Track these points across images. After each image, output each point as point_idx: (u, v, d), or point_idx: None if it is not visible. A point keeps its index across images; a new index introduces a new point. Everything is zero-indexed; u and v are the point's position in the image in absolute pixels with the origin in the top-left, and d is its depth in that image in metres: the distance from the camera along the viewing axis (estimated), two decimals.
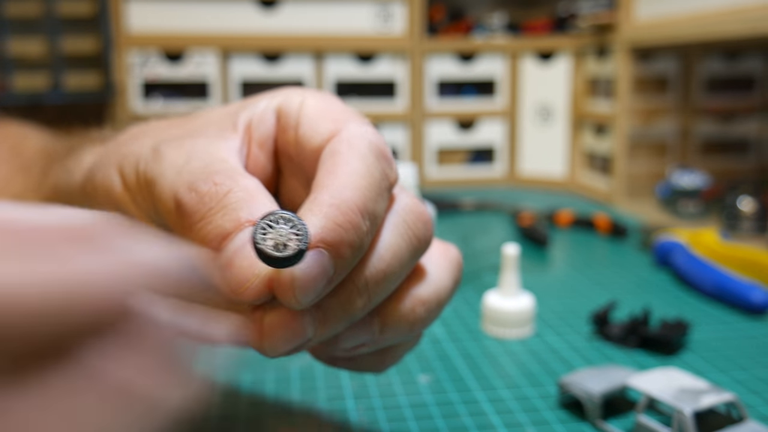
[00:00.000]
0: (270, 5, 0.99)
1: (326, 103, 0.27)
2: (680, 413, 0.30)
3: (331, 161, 0.24)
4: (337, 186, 0.22)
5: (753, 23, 0.62)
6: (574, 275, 0.59)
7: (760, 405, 0.36)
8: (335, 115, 0.26)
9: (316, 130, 0.26)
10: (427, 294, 0.26)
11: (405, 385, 0.38)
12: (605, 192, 0.91)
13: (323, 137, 0.25)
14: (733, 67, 0.92)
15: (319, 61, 1.01)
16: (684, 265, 0.55)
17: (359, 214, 0.22)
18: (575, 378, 0.35)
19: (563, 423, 0.34)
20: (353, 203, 0.22)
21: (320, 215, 0.21)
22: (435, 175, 1.06)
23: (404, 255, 0.24)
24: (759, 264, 0.53)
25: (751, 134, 0.94)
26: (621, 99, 0.87)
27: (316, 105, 0.27)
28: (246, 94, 1.00)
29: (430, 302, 0.26)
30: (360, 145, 0.24)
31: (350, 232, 0.21)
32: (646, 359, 0.41)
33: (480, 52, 1.05)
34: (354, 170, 0.23)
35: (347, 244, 0.21)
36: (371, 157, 0.24)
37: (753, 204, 0.69)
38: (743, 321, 0.48)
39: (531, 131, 1.05)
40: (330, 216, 0.21)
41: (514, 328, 0.45)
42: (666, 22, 0.78)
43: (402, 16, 1.02)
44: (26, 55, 0.94)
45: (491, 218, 0.82)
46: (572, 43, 0.99)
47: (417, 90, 1.03)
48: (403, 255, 0.24)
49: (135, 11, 0.95)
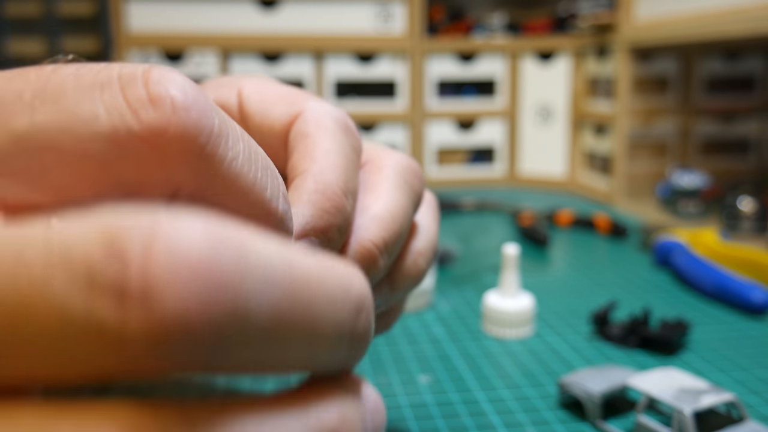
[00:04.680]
0: (270, 5, 0.99)
1: (268, 87, 0.27)
2: (680, 413, 0.30)
3: (304, 144, 0.23)
4: (317, 170, 0.22)
5: (753, 23, 0.62)
6: (574, 275, 0.59)
7: (760, 405, 0.36)
8: (288, 98, 0.26)
9: (272, 116, 0.25)
10: (424, 245, 0.27)
11: (405, 385, 0.38)
12: (605, 192, 0.91)
13: (283, 121, 0.25)
14: (733, 67, 0.92)
15: (319, 61, 1.01)
16: (684, 265, 0.55)
17: (343, 195, 0.22)
18: (575, 378, 0.35)
19: (563, 423, 0.34)
20: (336, 186, 0.22)
21: (308, 204, 0.22)
22: (435, 175, 1.06)
23: (410, 211, 0.25)
24: (759, 264, 0.53)
25: (751, 134, 0.94)
26: (621, 99, 0.87)
27: (259, 91, 0.26)
28: None
29: (427, 252, 0.27)
30: (327, 123, 0.24)
31: (337, 216, 0.22)
32: (646, 359, 0.41)
33: (480, 52, 1.05)
34: (329, 151, 0.23)
35: (335, 228, 0.22)
36: (340, 134, 0.24)
37: (753, 204, 0.69)
38: (743, 321, 0.48)
39: (531, 131, 1.05)
40: (317, 204, 0.22)
41: (514, 328, 0.45)
42: (666, 22, 0.78)
43: (402, 16, 1.02)
44: (26, 55, 0.94)
45: (491, 218, 0.82)
46: (572, 43, 0.99)
47: (417, 90, 1.03)
48: (409, 211, 0.25)
49: (135, 11, 0.95)
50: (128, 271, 0.10)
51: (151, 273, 0.10)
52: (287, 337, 0.12)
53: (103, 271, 0.10)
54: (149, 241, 0.10)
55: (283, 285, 0.12)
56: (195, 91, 0.13)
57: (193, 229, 0.10)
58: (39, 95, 0.12)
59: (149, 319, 0.10)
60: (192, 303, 0.10)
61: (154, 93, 0.12)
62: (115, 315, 0.10)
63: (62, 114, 0.12)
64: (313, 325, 0.12)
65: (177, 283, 0.10)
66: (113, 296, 0.10)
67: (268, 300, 0.11)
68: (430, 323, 0.48)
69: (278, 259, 0.12)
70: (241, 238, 0.11)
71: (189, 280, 0.10)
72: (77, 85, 0.13)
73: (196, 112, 0.13)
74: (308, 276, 0.12)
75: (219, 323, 0.10)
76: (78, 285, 0.10)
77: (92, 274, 0.10)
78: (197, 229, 0.10)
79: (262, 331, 0.11)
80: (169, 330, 0.10)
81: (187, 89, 0.13)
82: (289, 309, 0.12)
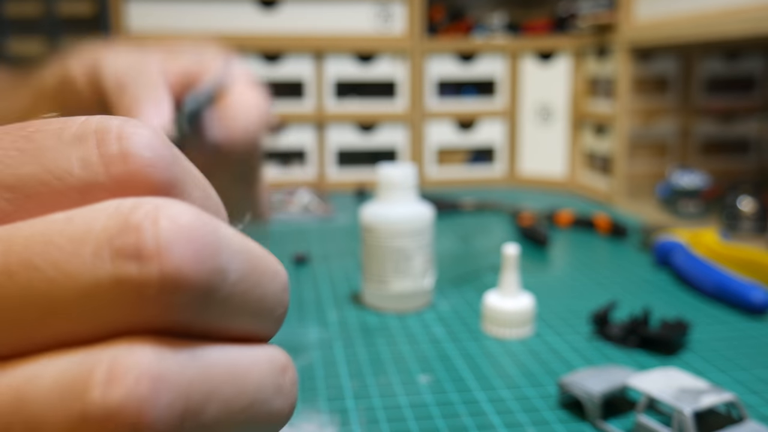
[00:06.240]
0: (270, 5, 0.99)
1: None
2: (680, 413, 0.30)
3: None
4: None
5: (753, 23, 0.62)
6: (574, 275, 0.59)
7: (760, 405, 0.36)
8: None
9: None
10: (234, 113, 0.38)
11: (405, 385, 0.38)
12: (605, 192, 0.91)
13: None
14: (733, 67, 0.92)
15: (319, 61, 1.01)
16: (684, 265, 0.55)
17: None
18: (575, 378, 0.35)
19: (563, 423, 0.34)
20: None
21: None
22: (435, 175, 1.06)
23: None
24: (759, 264, 0.53)
25: (751, 134, 0.94)
26: (621, 99, 0.87)
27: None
28: None
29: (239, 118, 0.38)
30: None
31: None
32: (646, 359, 0.41)
33: (480, 52, 1.05)
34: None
35: None
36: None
37: (753, 204, 0.69)
38: (743, 321, 0.48)
39: (531, 131, 1.05)
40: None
41: (514, 328, 0.45)
42: (666, 22, 0.78)
43: (402, 16, 1.02)
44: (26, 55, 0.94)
45: (491, 218, 0.82)
46: (572, 43, 0.99)
47: (417, 90, 1.03)
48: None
49: (135, 11, 0.95)
50: (143, 239, 0.13)
51: (162, 238, 0.13)
52: (246, 299, 0.15)
53: (124, 240, 0.13)
54: (155, 216, 0.13)
55: (244, 257, 0.15)
56: (161, 146, 0.15)
57: (185, 210, 0.14)
58: (24, 151, 0.15)
59: (164, 272, 0.13)
60: (191, 260, 0.13)
61: (124, 149, 0.15)
62: (138, 271, 0.13)
63: (41, 169, 0.15)
64: (263, 294, 0.16)
65: (180, 246, 0.13)
66: (134, 258, 0.13)
67: (235, 266, 0.15)
68: (430, 323, 0.48)
69: (238, 238, 0.15)
70: (214, 220, 0.15)
71: (187, 244, 0.13)
72: (57, 143, 0.15)
73: (160, 168, 0.15)
74: (256, 254, 0.16)
75: (207, 277, 0.14)
76: (104, 253, 0.13)
77: (114, 243, 0.13)
78: (187, 210, 0.14)
79: (231, 289, 0.14)
80: (177, 279, 0.13)
81: (155, 145, 0.15)
82: (249, 277, 0.15)
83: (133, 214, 0.13)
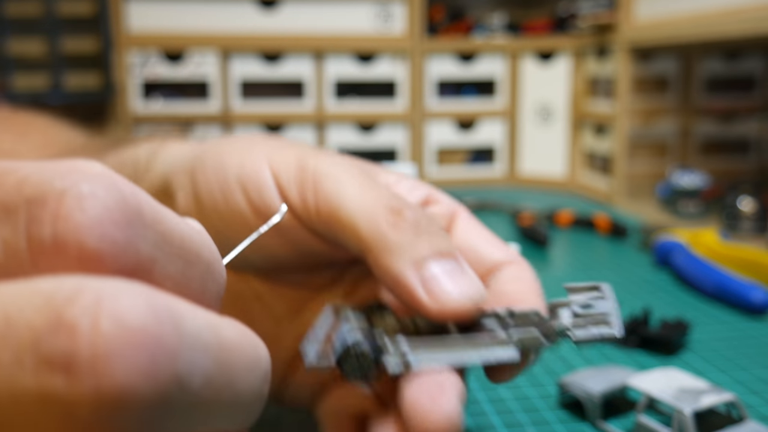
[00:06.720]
0: (270, 5, 0.99)
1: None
2: (680, 413, 0.30)
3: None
4: None
5: (753, 23, 0.62)
6: (574, 275, 0.59)
7: (760, 405, 0.36)
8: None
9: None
10: None
11: None
12: (605, 192, 0.91)
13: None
14: (733, 67, 0.92)
15: (319, 61, 1.01)
16: (684, 265, 0.55)
17: None
18: (575, 378, 0.35)
19: (563, 423, 0.34)
20: None
21: None
22: (435, 175, 1.06)
23: None
24: (759, 264, 0.53)
25: (751, 134, 0.94)
26: (621, 99, 0.87)
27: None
28: (246, 94, 1.00)
29: None
30: None
31: None
32: (646, 359, 0.41)
33: (480, 52, 1.05)
34: None
35: None
36: None
37: (753, 204, 0.69)
38: (743, 321, 0.48)
39: (531, 131, 1.05)
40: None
41: None
42: (666, 22, 0.78)
43: (402, 16, 1.02)
44: (26, 55, 0.94)
45: (491, 218, 0.82)
46: (572, 43, 0.99)
47: (417, 90, 1.03)
48: None
49: (135, 11, 0.95)
50: (77, 343, 0.10)
51: (100, 344, 0.10)
52: (215, 402, 0.12)
53: (51, 344, 0.10)
54: (96, 313, 0.10)
55: (213, 354, 0.12)
56: (114, 222, 0.12)
57: (136, 302, 0.11)
58: None
59: (100, 389, 0.10)
60: (138, 372, 0.10)
61: (59, 234, 0.11)
62: (65, 386, 0.10)
63: None
64: (236, 393, 0.13)
65: (124, 354, 0.10)
66: (62, 368, 0.10)
67: (201, 368, 0.12)
68: None
69: (207, 329, 0.12)
70: (176, 309, 0.12)
71: (135, 351, 0.10)
72: None
73: (110, 257, 0.12)
74: (231, 345, 0.13)
75: (162, 391, 0.11)
76: (25, 358, 0.10)
77: (39, 347, 0.10)
78: (139, 302, 0.11)
79: (195, 397, 0.12)
80: (118, 398, 0.10)
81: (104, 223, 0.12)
82: (218, 376, 0.12)
83: (68, 309, 0.10)
